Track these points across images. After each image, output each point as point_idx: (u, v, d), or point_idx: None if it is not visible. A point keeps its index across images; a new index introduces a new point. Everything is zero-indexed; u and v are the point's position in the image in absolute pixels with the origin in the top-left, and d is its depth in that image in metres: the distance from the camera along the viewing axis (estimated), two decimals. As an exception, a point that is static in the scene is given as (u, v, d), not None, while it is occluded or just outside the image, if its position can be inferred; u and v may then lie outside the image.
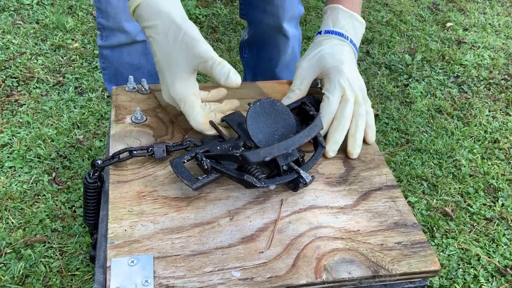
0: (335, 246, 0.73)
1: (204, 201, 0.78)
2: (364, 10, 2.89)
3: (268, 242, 0.73)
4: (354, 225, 0.77)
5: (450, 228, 1.67)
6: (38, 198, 1.62)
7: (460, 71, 2.45)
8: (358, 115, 0.89)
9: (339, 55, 0.91)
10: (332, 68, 0.90)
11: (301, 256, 0.71)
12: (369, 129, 0.91)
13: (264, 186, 0.76)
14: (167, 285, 0.65)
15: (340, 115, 0.88)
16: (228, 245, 0.71)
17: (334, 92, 0.89)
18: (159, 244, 0.70)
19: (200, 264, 0.68)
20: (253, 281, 0.67)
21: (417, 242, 0.76)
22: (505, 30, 2.80)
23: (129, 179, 0.80)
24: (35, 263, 1.44)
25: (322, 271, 0.69)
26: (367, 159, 0.90)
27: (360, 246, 0.74)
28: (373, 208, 0.81)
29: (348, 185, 0.84)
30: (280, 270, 0.69)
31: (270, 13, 1.49)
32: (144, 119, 0.92)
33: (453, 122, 2.13)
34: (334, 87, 0.89)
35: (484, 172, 1.89)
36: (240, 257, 0.70)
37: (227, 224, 0.75)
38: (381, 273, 0.71)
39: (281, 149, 0.75)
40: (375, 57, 2.50)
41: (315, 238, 0.74)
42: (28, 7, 2.57)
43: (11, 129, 1.86)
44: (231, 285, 0.66)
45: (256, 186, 0.75)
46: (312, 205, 0.80)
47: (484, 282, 1.52)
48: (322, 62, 0.92)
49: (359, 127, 0.88)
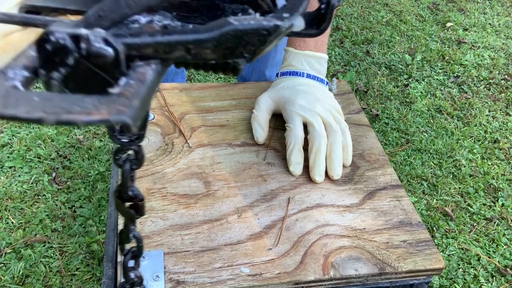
0: (342, 243, 0.74)
1: (212, 198, 0.79)
2: (364, 10, 2.89)
3: (276, 239, 0.73)
4: (360, 223, 0.78)
5: (450, 228, 1.68)
6: (38, 198, 1.62)
7: (460, 71, 2.46)
8: (330, 135, 0.88)
9: (292, 89, 0.93)
10: (285, 102, 0.92)
11: (308, 253, 0.72)
12: (343, 151, 0.89)
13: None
14: (177, 280, 0.65)
15: (311, 139, 0.88)
16: (237, 241, 0.72)
17: (293, 120, 0.90)
18: (169, 240, 0.71)
19: (209, 260, 0.69)
20: (262, 277, 0.68)
21: (422, 241, 0.77)
22: (505, 30, 2.81)
23: (138, 176, 0.81)
24: (35, 263, 1.44)
25: (329, 268, 0.70)
26: (371, 159, 0.91)
27: (366, 244, 0.75)
28: (378, 207, 0.82)
29: (353, 184, 0.85)
30: (288, 266, 0.69)
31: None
32: (152, 117, 0.93)
33: (453, 122, 2.14)
34: (291, 116, 0.90)
35: (484, 172, 1.90)
36: (249, 253, 0.71)
37: (235, 221, 0.75)
38: (387, 271, 0.71)
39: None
40: (375, 57, 2.50)
41: (322, 235, 0.75)
42: (28, 6, 2.57)
43: (11, 129, 1.86)
44: (240, 280, 0.67)
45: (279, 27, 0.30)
46: (319, 204, 0.80)
47: (484, 282, 1.53)
48: (277, 97, 0.94)
49: (334, 147, 0.87)
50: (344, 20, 2.77)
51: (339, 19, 2.77)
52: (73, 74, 0.26)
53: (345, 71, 2.38)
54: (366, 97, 2.24)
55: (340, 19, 2.77)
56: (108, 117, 0.23)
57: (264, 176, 0.84)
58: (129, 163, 0.37)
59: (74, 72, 0.26)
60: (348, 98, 1.04)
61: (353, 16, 2.83)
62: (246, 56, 0.29)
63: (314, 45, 0.98)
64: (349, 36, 2.65)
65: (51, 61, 0.26)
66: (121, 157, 0.37)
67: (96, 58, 0.25)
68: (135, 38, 0.27)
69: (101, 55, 0.25)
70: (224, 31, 0.27)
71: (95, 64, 0.25)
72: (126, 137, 0.36)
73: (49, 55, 0.26)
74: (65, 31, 0.25)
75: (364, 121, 0.99)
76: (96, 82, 0.26)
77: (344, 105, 1.02)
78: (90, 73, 0.26)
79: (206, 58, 0.29)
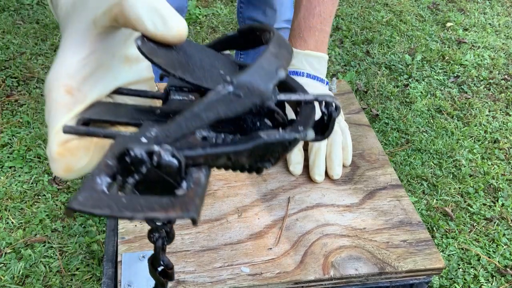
0: (342, 243, 0.74)
1: (213, 198, 0.79)
2: (364, 10, 2.89)
3: (276, 239, 0.73)
4: (360, 223, 0.78)
5: (450, 228, 1.68)
6: (38, 198, 1.62)
7: (460, 71, 2.46)
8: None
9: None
10: None
11: (308, 252, 0.72)
12: (343, 150, 0.89)
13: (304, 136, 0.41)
14: (177, 280, 0.65)
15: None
16: (237, 241, 0.72)
17: None
18: (169, 240, 0.71)
19: (209, 259, 0.69)
20: (262, 276, 0.68)
21: (422, 240, 0.77)
22: (505, 30, 2.82)
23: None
24: (35, 263, 1.44)
25: (329, 267, 0.70)
26: (371, 159, 0.91)
27: (366, 244, 0.75)
28: (378, 206, 0.82)
29: (353, 184, 0.85)
30: (289, 266, 0.69)
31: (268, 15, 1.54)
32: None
33: (453, 122, 2.14)
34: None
35: (484, 172, 1.90)
36: (249, 253, 0.71)
37: (235, 221, 0.75)
38: (387, 270, 0.71)
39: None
40: (375, 57, 2.50)
41: (322, 235, 0.75)
42: (28, 7, 2.57)
43: (11, 129, 1.86)
44: (240, 280, 0.67)
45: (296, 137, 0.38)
46: (319, 203, 0.80)
47: (484, 282, 1.53)
48: None
49: (334, 147, 0.87)
50: (344, 20, 2.77)
51: (339, 19, 2.77)
52: (143, 179, 0.33)
53: (345, 71, 2.38)
54: (366, 97, 2.24)
55: (340, 19, 2.77)
56: (181, 214, 0.29)
57: (264, 176, 0.84)
58: (161, 240, 0.43)
59: (145, 178, 0.33)
60: (348, 98, 1.04)
61: (353, 16, 2.83)
62: (271, 160, 0.37)
63: (315, 45, 0.97)
64: (349, 36, 2.65)
65: (127, 170, 0.33)
66: (155, 235, 0.42)
67: (165, 168, 0.32)
68: (191, 151, 0.34)
69: (169, 166, 0.32)
70: (257, 143, 0.35)
71: (163, 172, 0.33)
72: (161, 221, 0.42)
73: (127, 165, 0.33)
74: (142, 147, 0.32)
75: (364, 121, 0.99)
76: (162, 185, 0.33)
77: (344, 105, 1.02)
78: (157, 179, 0.33)
79: (242, 164, 0.36)
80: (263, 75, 0.37)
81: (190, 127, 0.35)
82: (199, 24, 2.62)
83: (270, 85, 0.36)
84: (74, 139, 0.40)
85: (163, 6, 0.38)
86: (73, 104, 0.40)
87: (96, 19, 0.39)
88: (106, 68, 0.42)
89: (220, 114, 0.35)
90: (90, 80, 0.40)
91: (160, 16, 0.38)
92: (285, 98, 0.42)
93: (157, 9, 0.38)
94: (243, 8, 1.63)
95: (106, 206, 0.30)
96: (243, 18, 1.65)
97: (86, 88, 0.40)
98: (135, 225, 0.72)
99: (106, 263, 0.72)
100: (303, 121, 0.39)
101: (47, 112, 0.40)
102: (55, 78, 0.40)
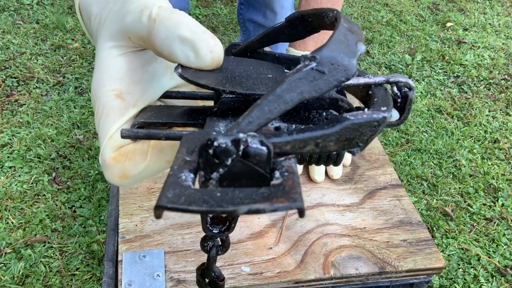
0: (342, 243, 0.74)
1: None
2: (364, 10, 2.90)
3: (277, 238, 0.73)
4: (360, 222, 0.78)
5: (450, 228, 1.68)
6: (38, 198, 1.62)
7: (460, 71, 2.46)
8: None
9: None
10: None
11: (309, 252, 0.72)
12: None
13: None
14: (178, 279, 0.65)
15: None
16: (237, 240, 0.72)
17: None
18: (170, 239, 0.71)
19: (210, 259, 0.69)
20: (263, 276, 0.68)
21: (422, 240, 0.77)
22: (505, 30, 2.82)
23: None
24: (35, 263, 1.44)
25: (330, 267, 0.70)
26: (372, 159, 0.91)
27: (366, 243, 0.75)
28: (378, 206, 0.82)
29: (353, 183, 0.85)
30: (289, 265, 0.69)
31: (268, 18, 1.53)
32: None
33: (453, 122, 2.14)
34: None
35: (484, 172, 1.90)
36: (249, 252, 0.71)
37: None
38: (388, 270, 0.71)
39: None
40: (375, 57, 2.51)
41: (322, 235, 0.75)
42: (28, 7, 2.57)
43: (11, 129, 1.86)
44: (241, 279, 0.67)
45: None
46: (319, 203, 0.80)
47: (484, 282, 1.53)
48: None
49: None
50: (344, 20, 2.77)
51: (339, 19, 2.77)
52: (228, 172, 0.29)
53: (345, 71, 2.38)
54: (366, 97, 2.24)
55: (340, 19, 2.77)
56: (288, 204, 0.26)
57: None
58: (215, 249, 0.40)
59: (229, 170, 0.29)
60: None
61: (353, 16, 2.83)
62: (360, 145, 0.33)
63: (314, 45, 0.98)
64: (349, 36, 2.64)
65: (210, 163, 0.29)
66: (209, 244, 0.40)
67: (254, 157, 0.29)
68: (278, 138, 0.31)
69: (259, 154, 0.29)
70: (345, 125, 0.32)
71: (252, 162, 0.29)
72: (217, 228, 0.39)
73: (210, 158, 0.29)
74: (226, 136, 0.29)
75: (364, 120, 0.99)
76: (249, 178, 0.30)
77: (344, 105, 1.02)
78: (244, 170, 0.29)
79: (329, 150, 0.33)
80: (344, 49, 0.34)
81: (273, 112, 0.32)
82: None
83: (353, 59, 0.34)
84: (129, 144, 0.38)
85: (194, 34, 0.36)
86: (125, 108, 0.38)
87: (130, 37, 0.38)
88: (152, 72, 0.40)
89: (304, 94, 0.32)
90: (140, 83, 0.39)
91: (191, 47, 0.36)
92: (353, 82, 0.39)
93: (188, 40, 0.36)
94: (243, 9, 1.62)
95: (201, 201, 0.27)
96: (243, 20, 1.65)
97: (137, 91, 0.39)
98: (135, 225, 0.72)
99: (107, 263, 0.72)
100: (381, 102, 0.36)
101: (97, 118, 0.39)
102: (102, 84, 0.38)
